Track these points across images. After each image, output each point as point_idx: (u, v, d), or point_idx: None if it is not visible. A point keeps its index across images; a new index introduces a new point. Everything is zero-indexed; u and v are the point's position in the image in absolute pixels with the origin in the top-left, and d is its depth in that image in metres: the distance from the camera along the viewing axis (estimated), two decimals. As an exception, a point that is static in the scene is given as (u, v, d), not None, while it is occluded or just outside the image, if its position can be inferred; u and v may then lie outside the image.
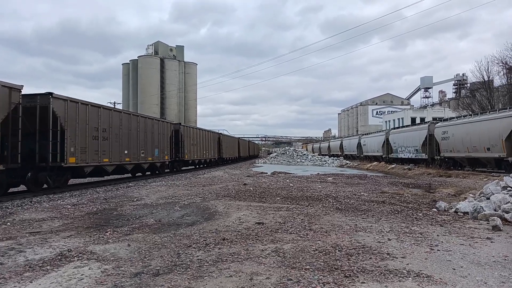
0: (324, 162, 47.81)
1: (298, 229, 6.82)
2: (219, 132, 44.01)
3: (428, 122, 32.49)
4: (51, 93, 13.13)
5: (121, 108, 48.10)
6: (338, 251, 5.37)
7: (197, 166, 33.18)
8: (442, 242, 6.00)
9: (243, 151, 60.32)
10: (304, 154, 57.59)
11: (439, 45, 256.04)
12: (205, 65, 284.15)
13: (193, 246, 5.66)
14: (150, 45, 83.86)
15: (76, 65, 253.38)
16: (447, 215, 8.52)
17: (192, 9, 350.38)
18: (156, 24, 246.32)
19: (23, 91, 12.00)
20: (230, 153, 45.95)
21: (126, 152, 18.20)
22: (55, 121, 13.12)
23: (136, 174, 21.86)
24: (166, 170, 25.00)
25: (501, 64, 40.30)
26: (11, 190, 12.85)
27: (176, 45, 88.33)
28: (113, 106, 47.75)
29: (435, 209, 9.33)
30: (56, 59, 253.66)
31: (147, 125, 20.98)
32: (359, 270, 4.52)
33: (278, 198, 11.35)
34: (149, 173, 22.54)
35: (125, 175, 20.24)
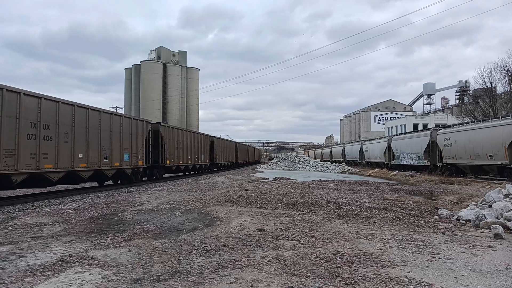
0: (326, 168, 47.69)
1: (299, 236, 6.81)
2: (213, 136, 38.91)
3: (431, 128, 32.42)
4: (159, 123, 23.51)
5: (122, 115, 48.13)
6: (339, 258, 5.35)
7: (183, 173, 29.26)
8: (443, 250, 5.97)
9: (241, 157, 54.49)
10: (306, 160, 57.47)
11: (445, 52, 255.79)
12: (211, 70, 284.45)
13: (194, 252, 5.66)
14: (153, 50, 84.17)
15: (82, 70, 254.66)
16: (449, 223, 8.49)
17: (200, 16, 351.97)
18: (163, 30, 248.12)
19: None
20: (225, 158, 42.22)
21: (189, 157, 27.43)
22: (161, 139, 22.25)
23: (189, 172, 29.75)
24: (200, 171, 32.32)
25: (503, 72, 40.32)
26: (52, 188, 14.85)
27: (179, 50, 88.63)
28: (115, 111, 48.08)
29: (437, 217, 9.29)
30: (63, 63, 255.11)
31: (196, 138, 29.76)
32: (360, 277, 4.51)
33: (280, 204, 11.33)
34: (193, 172, 30.42)
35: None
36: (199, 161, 30.11)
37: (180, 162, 25.43)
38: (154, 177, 22.39)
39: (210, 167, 34.80)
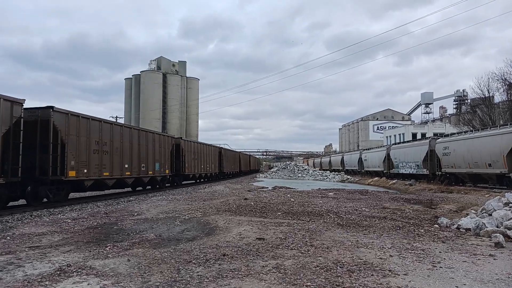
0: (325, 177, 47.64)
1: (299, 245, 6.78)
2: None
3: (429, 137, 32.51)
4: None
5: (123, 122, 48.46)
6: (340, 267, 5.32)
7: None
8: (444, 259, 5.94)
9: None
10: (305, 169, 57.47)
11: (443, 61, 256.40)
12: (211, 80, 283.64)
13: (193, 261, 5.62)
14: (153, 60, 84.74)
15: (83, 80, 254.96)
16: (449, 232, 8.46)
17: (201, 26, 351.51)
18: (164, 40, 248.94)
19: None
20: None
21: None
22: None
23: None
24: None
25: (501, 81, 40.54)
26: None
27: (179, 61, 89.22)
28: (115, 120, 48.08)
29: (437, 225, 9.26)
30: (63, 73, 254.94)
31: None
32: (360, 287, 4.48)
33: (279, 213, 11.30)
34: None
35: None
36: (150, 172, 20.85)
37: (106, 174, 16.15)
38: (45, 199, 13.47)
39: (174, 180, 26.59)
